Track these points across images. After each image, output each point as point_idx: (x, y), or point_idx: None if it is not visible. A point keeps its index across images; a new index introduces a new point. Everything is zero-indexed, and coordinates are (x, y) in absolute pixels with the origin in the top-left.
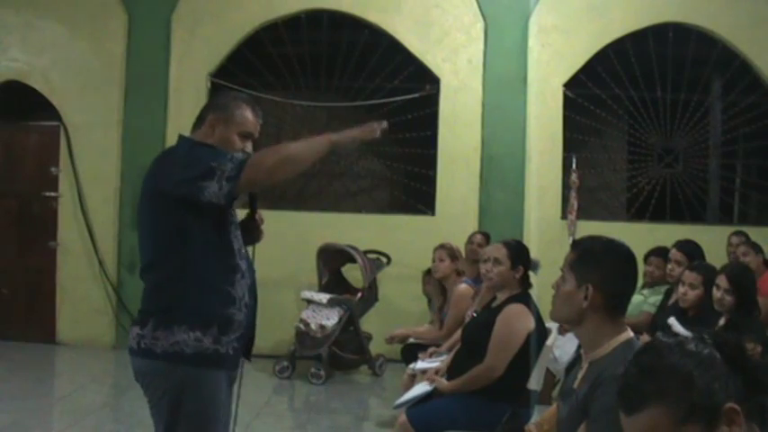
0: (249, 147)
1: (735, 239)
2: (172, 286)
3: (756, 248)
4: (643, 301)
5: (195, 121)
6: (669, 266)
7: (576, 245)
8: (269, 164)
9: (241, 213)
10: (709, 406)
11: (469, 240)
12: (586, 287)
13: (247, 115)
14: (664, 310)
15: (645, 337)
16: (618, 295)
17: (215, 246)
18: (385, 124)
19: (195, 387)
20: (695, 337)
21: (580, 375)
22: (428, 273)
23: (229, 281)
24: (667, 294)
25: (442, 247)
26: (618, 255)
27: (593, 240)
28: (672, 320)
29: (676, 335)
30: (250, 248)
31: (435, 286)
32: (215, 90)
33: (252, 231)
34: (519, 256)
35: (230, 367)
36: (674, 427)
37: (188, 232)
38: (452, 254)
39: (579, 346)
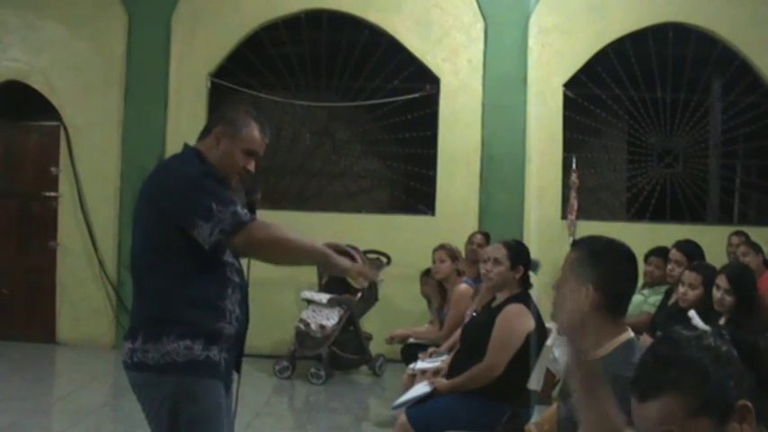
0: (252, 164)
1: (735, 239)
2: (161, 299)
3: (756, 248)
4: (643, 301)
5: (203, 129)
6: (669, 267)
7: (575, 245)
8: (262, 240)
9: None
10: (722, 402)
11: (470, 240)
12: (586, 288)
13: (254, 134)
14: (663, 309)
15: (645, 338)
16: (618, 295)
17: (207, 259)
18: (378, 277)
19: (191, 395)
20: (714, 332)
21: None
22: (426, 274)
23: (221, 295)
24: (667, 294)
25: (442, 247)
26: (618, 255)
27: (592, 241)
28: (692, 313)
29: (695, 328)
30: (244, 261)
31: (434, 286)
32: (215, 90)
33: None
34: (519, 256)
35: (223, 377)
36: (686, 419)
37: (181, 245)
38: (452, 254)
39: None
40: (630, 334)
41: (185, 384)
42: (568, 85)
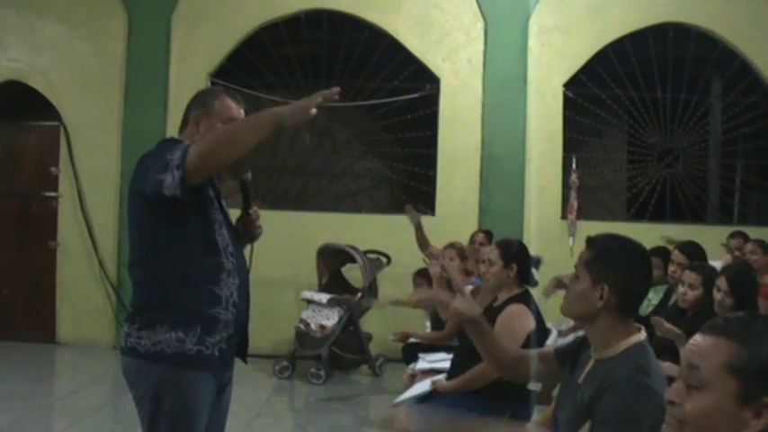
0: None
1: (734, 242)
2: (155, 285)
3: (765, 247)
4: (647, 304)
5: (181, 122)
6: (672, 268)
7: (591, 243)
8: (209, 146)
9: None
10: (758, 385)
11: (471, 239)
12: (602, 287)
13: (227, 103)
14: (663, 310)
15: None
16: (633, 296)
17: (198, 244)
18: (336, 89)
19: (175, 387)
20: None
21: (585, 371)
22: (419, 274)
23: (214, 280)
24: (666, 295)
25: (451, 246)
26: (634, 255)
27: (609, 239)
28: None
29: None
30: (248, 247)
31: (440, 285)
32: None
33: (248, 228)
34: (511, 254)
35: (216, 369)
36: (720, 368)
37: (169, 231)
38: (462, 253)
39: (579, 339)
40: (641, 336)
41: (172, 376)
42: (568, 85)
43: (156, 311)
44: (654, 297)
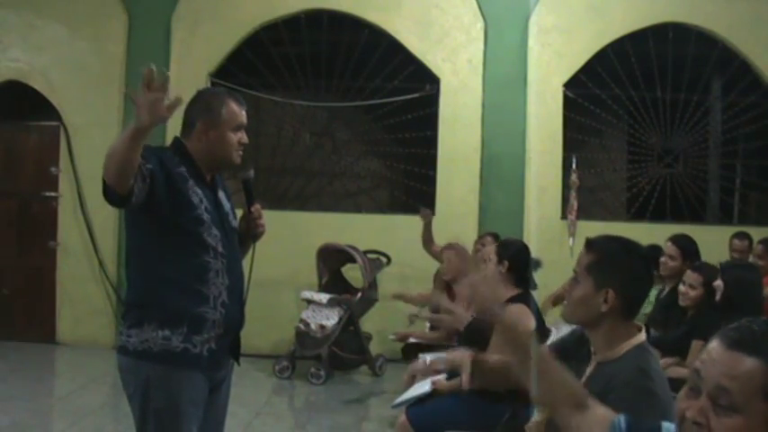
0: (244, 137)
1: (738, 243)
2: (143, 284)
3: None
4: (646, 303)
5: (183, 124)
6: (663, 259)
7: (591, 246)
8: (105, 161)
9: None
10: None
11: (480, 242)
12: (606, 291)
13: (234, 109)
14: (657, 302)
15: None
16: (637, 298)
17: (183, 244)
18: (150, 69)
19: (161, 385)
20: None
21: (587, 373)
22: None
23: (201, 279)
24: (660, 292)
25: (450, 247)
26: (636, 257)
27: (610, 242)
28: None
29: None
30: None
31: (441, 286)
32: None
33: (250, 227)
34: (505, 250)
35: (206, 368)
36: (756, 392)
37: (154, 231)
38: (460, 254)
39: (577, 334)
40: (642, 337)
41: (158, 374)
42: (568, 85)
43: (144, 310)
44: (650, 295)
